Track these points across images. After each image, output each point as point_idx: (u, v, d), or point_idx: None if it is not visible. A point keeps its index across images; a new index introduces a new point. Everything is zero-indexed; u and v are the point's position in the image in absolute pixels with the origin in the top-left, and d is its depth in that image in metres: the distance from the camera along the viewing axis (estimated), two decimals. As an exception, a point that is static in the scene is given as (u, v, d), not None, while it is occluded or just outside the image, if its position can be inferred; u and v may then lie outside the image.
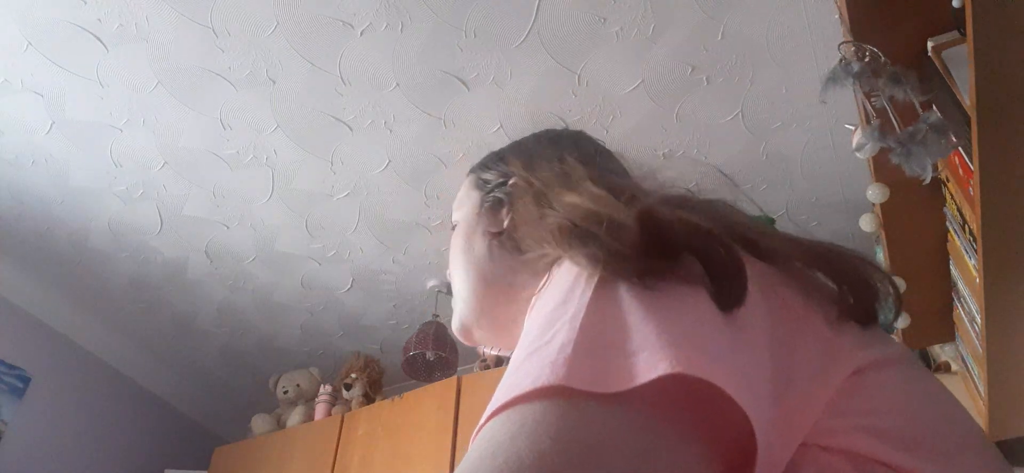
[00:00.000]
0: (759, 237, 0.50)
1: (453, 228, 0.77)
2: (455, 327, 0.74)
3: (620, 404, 0.34)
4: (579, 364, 0.36)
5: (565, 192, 0.52)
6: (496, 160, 0.76)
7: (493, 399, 0.38)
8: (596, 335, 0.38)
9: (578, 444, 0.33)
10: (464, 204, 0.76)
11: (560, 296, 0.43)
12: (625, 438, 0.34)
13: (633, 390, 0.34)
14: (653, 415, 0.35)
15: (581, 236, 0.45)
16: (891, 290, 0.51)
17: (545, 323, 0.41)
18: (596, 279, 0.42)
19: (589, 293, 0.41)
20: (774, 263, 0.48)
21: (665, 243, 0.43)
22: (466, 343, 0.75)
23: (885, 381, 0.43)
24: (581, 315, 0.40)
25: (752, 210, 0.57)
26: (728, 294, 0.41)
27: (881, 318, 0.50)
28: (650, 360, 0.35)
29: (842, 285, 0.48)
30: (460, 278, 0.73)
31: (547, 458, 0.32)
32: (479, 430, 0.37)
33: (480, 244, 0.71)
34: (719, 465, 0.37)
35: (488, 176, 0.75)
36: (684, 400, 0.35)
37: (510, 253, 0.67)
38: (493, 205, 0.72)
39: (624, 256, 0.42)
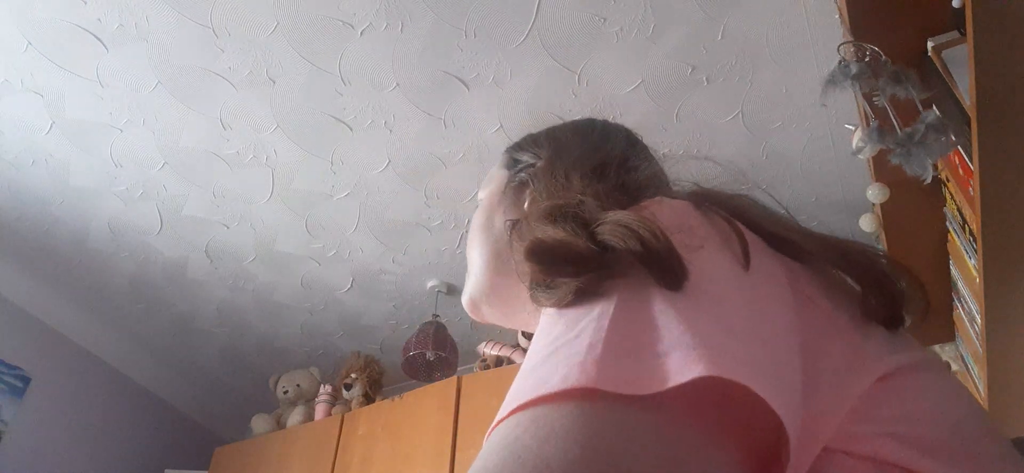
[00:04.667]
0: (787, 233, 0.49)
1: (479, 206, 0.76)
2: (464, 301, 0.73)
3: (652, 407, 0.33)
4: (609, 365, 0.35)
5: (541, 221, 0.50)
6: (531, 142, 0.75)
7: (513, 394, 0.37)
8: (625, 334, 0.37)
9: (609, 451, 0.32)
10: (491, 182, 0.76)
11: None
12: (657, 443, 0.33)
13: (666, 392, 0.33)
14: (686, 418, 0.34)
15: (540, 282, 0.44)
16: (919, 294, 0.50)
17: (570, 319, 0.40)
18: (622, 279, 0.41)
19: (615, 291, 0.40)
20: (802, 260, 0.47)
21: (577, 259, 0.43)
22: (473, 317, 0.73)
23: (913, 386, 0.42)
24: (608, 313, 0.38)
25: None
26: (666, 273, 0.40)
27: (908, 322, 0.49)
28: (684, 361, 0.34)
29: (867, 286, 0.47)
30: (476, 252, 0.72)
31: (577, 466, 0.31)
32: (498, 425, 0.36)
33: (500, 223, 0.70)
34: (749, 466, 0.36)
35: (521, 156, 0.74)
36: (717, 401, 0.34)
37: None
38: (518, 187, 0.71)
39: (565, 288, 0.42)
